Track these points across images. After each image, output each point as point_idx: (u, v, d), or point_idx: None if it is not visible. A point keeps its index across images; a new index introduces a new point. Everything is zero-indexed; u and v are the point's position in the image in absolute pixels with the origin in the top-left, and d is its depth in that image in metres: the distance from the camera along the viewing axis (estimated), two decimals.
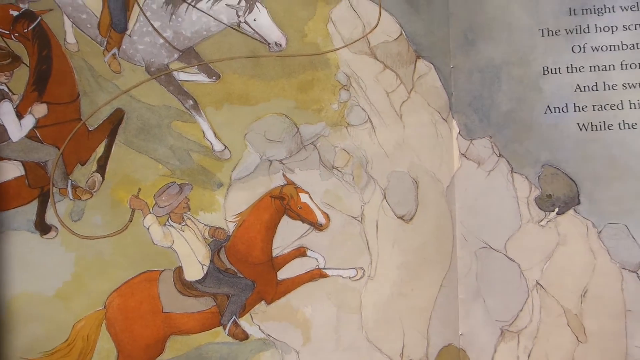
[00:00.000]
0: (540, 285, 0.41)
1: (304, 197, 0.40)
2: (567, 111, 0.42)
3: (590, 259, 0.40)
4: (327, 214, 0.40)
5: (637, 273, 0.40)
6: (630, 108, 0.41)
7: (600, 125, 0.42)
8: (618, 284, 0.40)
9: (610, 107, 0.42)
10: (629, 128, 0.41)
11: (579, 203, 0.41)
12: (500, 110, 0.43)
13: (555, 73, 0.43)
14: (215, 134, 0.39)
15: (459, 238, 0.42)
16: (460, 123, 0.43)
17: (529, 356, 0.40)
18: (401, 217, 0.41)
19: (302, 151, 0.40)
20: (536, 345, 0.40)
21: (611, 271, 0.40)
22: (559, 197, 0.41)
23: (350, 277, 0.40)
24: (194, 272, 0.38)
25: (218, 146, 0.39)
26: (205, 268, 0.38)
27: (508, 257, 0.42)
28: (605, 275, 0.40)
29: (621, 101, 0.41)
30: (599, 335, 0.40)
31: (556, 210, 0.41)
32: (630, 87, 0.41)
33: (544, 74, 0.43)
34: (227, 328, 0.38)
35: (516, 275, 0.41)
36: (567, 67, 0.42)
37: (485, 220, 0.42)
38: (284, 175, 0.40)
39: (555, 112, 0.42)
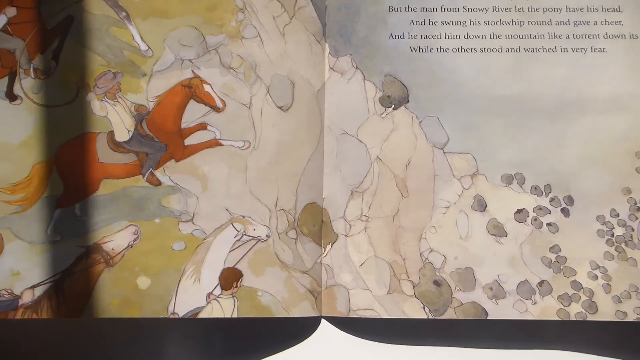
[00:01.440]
0: (379, 158, 0.62)
1: (207, 87, 0.60)
2: (404, 38, 0.64)
3: (413, 140, 0.62)
4: (224, 100, 0.60)
5: (443, 150, 0.61)
6: (446, 38, 0.64)
7: (425, 48, 0.64)
8: (430, 157, 0.62)
9: (432, 36, 0.64)
10: (443, 52, 0.64)
11: (408, 102, 0.63)
12: (358, 36, 0.64)
13: (398, 11, 0.65)
14: (141, 37, 0.59)
15: (326, 128, 0.62)
16: (330, 45, 0.65)
17: (369, 208, 0.61)
18: (280, 107, 0.62)
19: (207, 54, 0.60)
20: (374, 200, 0.62)
21: (426, 148, 0.62)
22: (395, 97, 0.63)
23: (239, 147, 0.60)
24: (122, 135, 0.57)
25: (143, 46, 0.59)
26: (131, 133, 0.57)
27: (359, 140, 0.63)
28: (422, 151, 0.62)
29: (439, 33, 0.64)
30: (416, 192, 0.62)
31: (392, 106, 0.63)
32: (446, 24, 0.64)
33: (389, 11, 0.65)
34: (146, 176, 0.58)
35: (363, 152, 0.63)
36: (405, 7, 0.65)
37: (344, 115, 0.64)
38: (192, 70, 0.59)
39: (395, 38, 0.64)
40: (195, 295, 0.60)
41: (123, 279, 0.59)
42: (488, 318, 0.60)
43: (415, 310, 0.63)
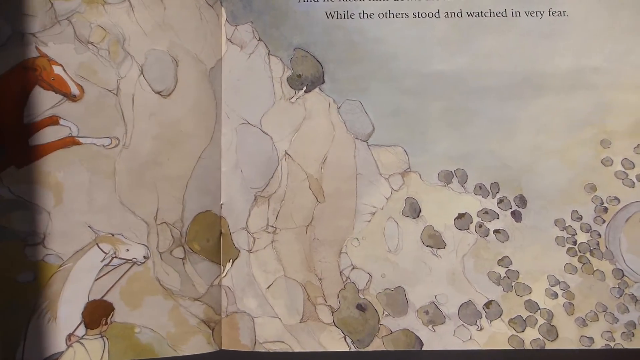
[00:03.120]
0: (289, 154, 0.51)
1: (57, 69, 0.47)
2: (317, 0, 0.51)
3: (330, 130, 0.51)
4: (81, 86, 0.47)
5: (367, 142, 0.50)
6: (370, 0, 0.51)
7: (344, 14, 0.52)
8: (351, 152, 0.51)
9: None
10: (367, 17, 0.52)
11: (323, 82, 0.51)
12: None
13: None
14: None
15: (223, 116, 0.50)
16: (227, 10, 0.52)
17: (277, 217, 0.50)
18: (159, 92, 0.49)
19: (57, 25, 0.47)
20: (283, 206, 0.51)
21: (346, 141, 0.51)
22: (307, 77, 0.51)
23: (104, 146, 0.47)
24: None
25: None
26: None
27: (263, 131, 0.51)
28: (342, 145, 0.51)
29: None
30: (335, 195, 0.51)
31: (304, 88, 0.51)
32: None
33: None
34: None
35: (269, 146, 0.51)
36: None
37: (245, 99, 0.52)
38: (37, 47, 0.46)
39: (308, 1, 0.51)
40: (52, 338, 0.48)
41: None
42: (423, 349, 0.52)
43: (334, 342, 0.52)
